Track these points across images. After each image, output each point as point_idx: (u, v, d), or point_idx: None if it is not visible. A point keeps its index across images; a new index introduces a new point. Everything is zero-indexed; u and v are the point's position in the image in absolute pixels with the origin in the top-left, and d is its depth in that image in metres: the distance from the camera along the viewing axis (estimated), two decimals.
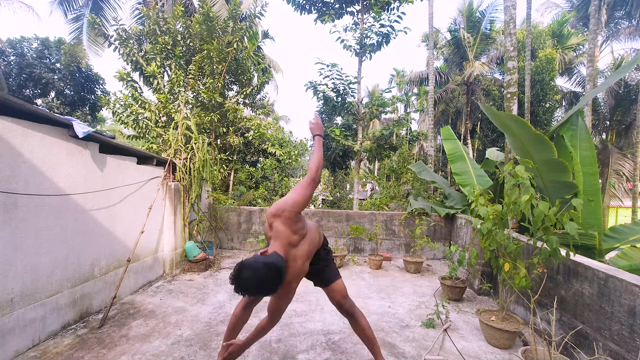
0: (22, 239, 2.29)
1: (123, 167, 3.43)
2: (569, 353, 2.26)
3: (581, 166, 3.92)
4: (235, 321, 2.08)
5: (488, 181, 5.47)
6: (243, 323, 2.12)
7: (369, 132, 7.66)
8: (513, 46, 4.37)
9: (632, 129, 14.74)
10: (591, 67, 9.57)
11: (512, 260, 2.52)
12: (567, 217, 2.19)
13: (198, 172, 4.47)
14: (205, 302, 3.36)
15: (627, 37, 14.83)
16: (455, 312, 3.23)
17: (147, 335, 2.61)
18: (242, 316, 2.09)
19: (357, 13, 7.02)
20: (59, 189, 2.60)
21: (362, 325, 2.06)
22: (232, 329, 2.08)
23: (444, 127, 6.95)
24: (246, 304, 2.08)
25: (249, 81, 7.59)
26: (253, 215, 5.76)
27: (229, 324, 2.10)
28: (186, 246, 4.35)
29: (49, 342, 2.45)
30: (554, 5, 16.30)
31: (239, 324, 2.10)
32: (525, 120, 3.37)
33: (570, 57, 16.06)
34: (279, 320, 2.03)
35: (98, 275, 3.04)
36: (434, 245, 5.02)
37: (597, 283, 2.13)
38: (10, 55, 11.51)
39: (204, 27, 6.57)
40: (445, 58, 18.87)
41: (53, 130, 2.55)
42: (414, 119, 24.12)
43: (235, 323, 2.08)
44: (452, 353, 2.45)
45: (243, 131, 8.00)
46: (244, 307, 2.08)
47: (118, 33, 6.49)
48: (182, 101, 5.79)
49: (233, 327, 2.08)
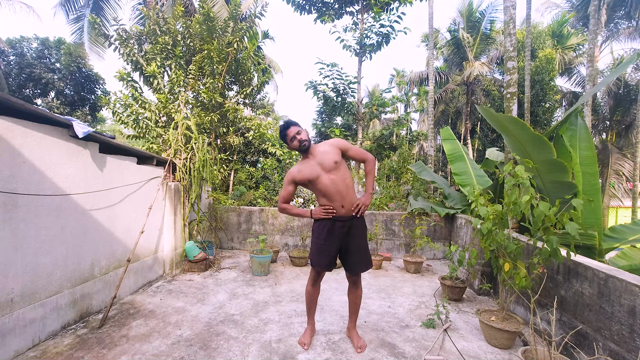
0: (22, 239, 2.28)
1: (123, 167, 3.43)
2: (569, 353, 2.26)
3: (581, 166, 3.92)
4: (311, 299, 2.54)
5: (488, 181, 5.47)
6: (317, 298, 2.58)
7: (369, 132, 7.67)
8: (513, 46, 4.37)
9: (631, 129, 14.74)
10: (591, 67, 9.57)
11: (512, 260, 2.52)
12: (567, 217, 2.19)
13: (198, 172, 4.47)
14: (205, 302, 3.36)
15: (627, 37, 14.83)
16: (455, 312, 3.23)
17: (147, 335, 2.61)
18: (313, 292, 2.53)
19: (356, 13, 7.02)
20: (59, 189, 2.60)
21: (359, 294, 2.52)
22: (311, 305, 2.56)
23: (443, 127, 6.95)
24: (314, 281, 2.50)
25: (249, 81, 7.59)
26: (253, 215, 5.77)
27: (307, 304, 2.57)
28: (186, 246, 4.35)
29: (49, 342, 2.44)
30: (554, 5, 16.30)
31: (314, 299, 2.55)
32: (523, 120, 3.37)
33: (570, 57, 16.06)
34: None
35: (98, 275, 3.04)
36: (434, 245, 5.02)
37: (597, 283, 2.13)
38: (10, 55, 11.51)
39: (204, 27, 6.57)
40: (445, 58, 18.88)
41: (53, 130, 2.55)
42: (414, 119, 24.15)
43: (312, 300, 2.54)
44: (452, 353, 2.45)
45: (243, 131, 8.00)
46: (313, 284, 2.51)
47: (118, 33, 6.49)
48: (182, 101, 5.79)
49: (311, 303, 2.55)
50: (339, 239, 2.34)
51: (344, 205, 2.30)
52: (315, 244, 2.41)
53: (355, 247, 2.38)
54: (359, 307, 2.55)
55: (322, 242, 2.36)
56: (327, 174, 2.29)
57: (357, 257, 2.41)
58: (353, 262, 2.42)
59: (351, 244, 2.37)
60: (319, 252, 2.38)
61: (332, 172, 2.29)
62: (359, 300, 2.54)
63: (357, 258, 2.41)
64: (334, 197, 2.29)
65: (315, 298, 2.55)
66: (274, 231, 5.72)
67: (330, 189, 2.28)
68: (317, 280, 2.51)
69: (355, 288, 2.50)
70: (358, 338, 2.52)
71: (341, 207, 2.30)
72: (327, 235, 2.34)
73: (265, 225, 5.71)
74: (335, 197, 2.29)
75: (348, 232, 2.34)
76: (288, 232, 5.69)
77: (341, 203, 2.29)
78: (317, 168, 2.29)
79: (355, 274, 2.46)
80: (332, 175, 2.28)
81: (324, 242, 2.35)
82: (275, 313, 3.11)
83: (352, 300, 2.53)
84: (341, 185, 2.29)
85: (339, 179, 2.29)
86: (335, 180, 2.28)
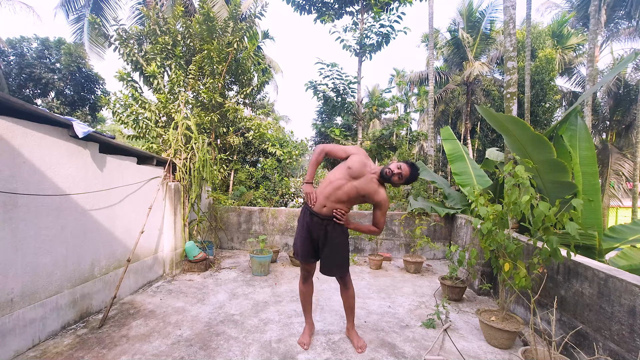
0: (22, 239, 2.28)
1: (123, 167, 3.43)
2: (569, 353, 2.26)
3: (581, 166, 3.92)
4: (304, 297, 2.57)
5: (488, 181, 5.47)
6: (311, 295, 2.60)
7: (369, 132, 7.67)
8: (513, 46, 4.37)
9: (631, 129, 14.74)
10: (591, 67, 9.57)
11: (512, 260, 2.52)
12: (567, 217, 2.19)
13: (198, 172, 4.47)
14: (205, 302, 3.36)
15: (627, 37, 14.83)
16: (455, 312, 3.23)
17: (147, 335, 2.61)
18: (306, 290, 2.56)
19: (356, 13, 7.02)
20: (59, 189, 2.60)
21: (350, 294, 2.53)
22: (305, 304, 2.59)
23: (443, 127, 6.94)
24: (304, 278, 2.54)
25: (249, 81, 7.58)
26: (253, 215, 5.77)
27: (302, 303, 2.60)
28: (186, 246, 4.35)
29: (49, 342, 2.45)
30: (554, 5, 16.29)
31: (307, 297, 2.58)
32: (523, 120, 3.37)
33: (570, 57, 16.05)
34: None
35: (98, 275, 3.04)
36: (434, 245, 5.02)
37: (597, 283, 2.13)
38: (10, 55, 11.50)
39: (204, 27, 6.57)
40: (445, 58, 18.87)
41: (53, 130, 2.55)
42: (414, 119, 24.15)
43: (305, 298, 2.58)
44: (452, 353, 2.45)
45: (243, 131, 8.00)
46: (304, 282, 2.55)
47: (118, 33, 6.48)
48: (182, 101, 5.79)
49: (305, 302, 2.58)
50: (314, 234, 2.37)
51: (326, 206, 2.32)
52: (297, 232, 2.50)
53: (330, 248, 2.38)
54: (353, 307, 2.57)
55: (299, 231, 2.45)
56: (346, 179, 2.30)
57: (330, 259, 2.41)
58: (324, 262, 2.43)
59: (326, 245, 2.38)
60: (298, 240, 2.46)
61: (348, 181, 2.30)
62: (352, 301, 2.55)
63: (330, 260, 2.42)
64: (328, 194, 2.31)
65: (308, 296, 2.58)
66: (274, 231, 5.72)
67: (333, 185, 2.30)
68: (308, 277, 2.55)
69: (346, 288, 2.52)
70: (358, 338, 2.52)
71: (322, 207, 2.32)
72: (303, 225, 2.42)
73: (265, 225, 5.71)
74: (329, 194, 2.31)
75: (325, 232, 2.36)
76: (288, 232, 5.69)
77: (326, 204, 2.31)
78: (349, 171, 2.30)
79: (327, 274, 2.46)
80: (345, 181, 2.30)
81: (301, 231, 2.43)
82: (275, 313, 3.11)
83: (344, 300, 2.56)
84: (340, 194, 2.30)
85: (344, 191, 2.30)
86: (343, 187, 2.29)
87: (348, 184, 2.29)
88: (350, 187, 2.29)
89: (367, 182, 2.30)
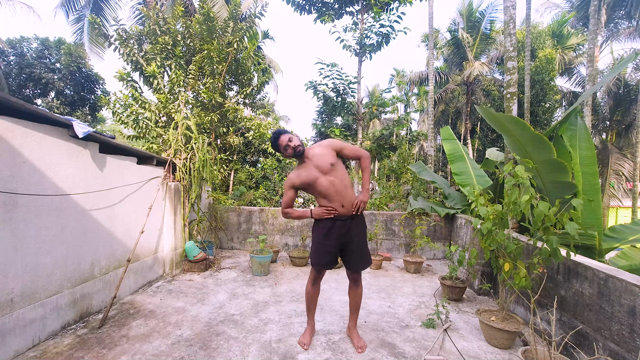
0: (22, 239, 2.28)
1: (123, 167, 3.43)
2: (569, 353, 2.26)
3: (581, 166, 3.92)
4: (311, 298, 2.56)
5: (488, 181, 5.47)
6: (317, 297, 2.60)
7: (369, 132, 7.67)
8: (513, 46, 4.37)
9: (631, 129, 14.74)
10: (591, 67, 9.57)
11: (512, 260, 2.52)
12: (567, 217, 2.19)
13: (198, 172, 4.47)
14: (205, 302, 3.36)
15: (627, 37, 14.83)
16: (455, 312, 3.23)
17: (147, 335, 2.61)
18: (313, 292, 2.55)
19: (356, 13, 7.03)
20: (59, 189, 2.60)
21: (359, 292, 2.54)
22: (311, 305, 2.58)
23: (443, 127, 6.95)
24: (314, 281, 2.52)
25: (249, 81, 7.59)
26: (253, 215, 5.76)
27: (307, 304, 2.58)
28: (186, 246, 4.35)
29: (49, 342, 2.44)
30: (554, 6, 16.30)
31: (314, 299, 2.57)
32: (523, 120, 3.36)
33: (570, 57, 16.06)
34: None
35: (98, 275, 3.04)
36: (434, 245, 5.02)
37: (597, 283, 2.13)
38: (10, 55, 11.51)
39: (204, 27, 6.57)
40: (445, 58, 18.88)
41: (53, 130, 2.55)
42: (414, 119, 24.16)
43: (311, 300, 2.56)
44: (452, 353, 2.45)
45: (243, 131, 8.00)
46: (313, 284, 2.53)
47: (118, 33, 6.48)
48: (182, 101, 5.79)
49: (311, 303, 2.57)
50: (339, 238, 2.37)
51: (344, 205, 2.33)
52: (315, 244, 2.44)
53: (356, 245, 2.41)
54: (359, 305, 2.58)
55: (322, 242, 2.39)
56: (325, 176, 2.33)
57: (358, 255, 2.44)
58: (354, 260, 2.45)
59: (351, 243, 2.40)
60: (320, 252, 2.41)
61: (329, 174, 2.33)
62: (360, 299, 2.56)
63: (358, 256, 2.45)
64: (334, 198, 2.33)
65: (315, 298, 2.58)
66: (274, 231, 5.72)
67: (329, 190, 2.32)
68: (317, 280, 2.54)
69: (356, 286, 2.53)
70: (358, 338, 2.52)
71: (341, 207, 2.33)
72: (327, 234, 2.37)
73: (265, 225, 5.71)
74: (334, 197, 2.32)
75: (348, 230, 2.37)
76: (288, 232, 5.69)
77: (341, 203, 2.33)
78: (315, 171, 2.33)
79: (356, 272, 2.50)
80: (329, 176, 2.33)
81: (325, 241, 2.38)
82: (275, 313, 3.11)
83: (352, 298, 2.56)
84: (339, 186, 2.33)
85: (337, 179, 2.33)
86: (334, 181, 2.32)
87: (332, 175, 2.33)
88: (335, 174, 2.33)
89: (329, 157, 2.35)
